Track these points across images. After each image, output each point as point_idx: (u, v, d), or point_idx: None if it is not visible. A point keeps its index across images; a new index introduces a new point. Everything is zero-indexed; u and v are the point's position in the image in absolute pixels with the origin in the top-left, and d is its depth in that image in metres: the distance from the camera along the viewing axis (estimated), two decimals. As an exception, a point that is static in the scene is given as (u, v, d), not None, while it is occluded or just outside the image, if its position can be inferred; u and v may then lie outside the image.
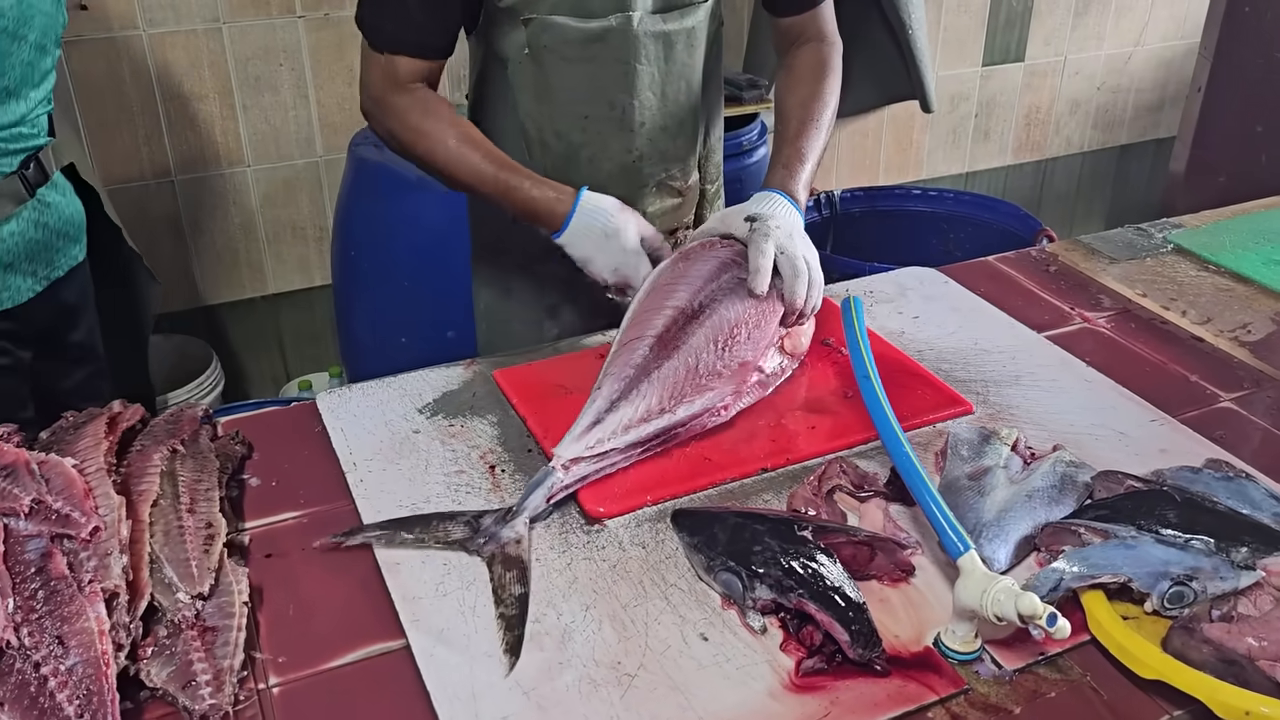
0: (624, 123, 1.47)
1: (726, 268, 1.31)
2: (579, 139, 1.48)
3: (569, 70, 1.42)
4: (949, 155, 3.87)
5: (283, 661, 0.96)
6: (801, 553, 0.99)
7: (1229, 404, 1.35)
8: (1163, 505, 1.04)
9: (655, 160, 1.53)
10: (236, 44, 2.68)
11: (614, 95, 1.45)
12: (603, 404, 1.18)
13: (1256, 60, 3.02)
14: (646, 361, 1.22)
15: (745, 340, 1.25)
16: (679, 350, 1.23)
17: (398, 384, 1.36)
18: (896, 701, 0.91)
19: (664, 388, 1.19)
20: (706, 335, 1.24)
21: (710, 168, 1.64)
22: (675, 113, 1.50)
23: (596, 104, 1.46)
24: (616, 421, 1.16)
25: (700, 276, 1.30)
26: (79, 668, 0.87)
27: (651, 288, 1.32)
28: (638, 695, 0.91)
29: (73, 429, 1.14)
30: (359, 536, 1.09)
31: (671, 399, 1.19)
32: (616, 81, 1.44)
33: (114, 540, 0.96)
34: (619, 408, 1.17)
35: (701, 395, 1.20)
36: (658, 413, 1.18)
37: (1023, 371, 1.39)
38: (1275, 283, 1.63)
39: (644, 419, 1.17)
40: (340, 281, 2.75)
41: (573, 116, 1.46)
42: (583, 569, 1.05)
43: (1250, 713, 0.86)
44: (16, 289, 1.61)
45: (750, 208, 1.34)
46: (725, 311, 1.26)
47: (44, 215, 1.63)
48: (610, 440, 1.15)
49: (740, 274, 1.29)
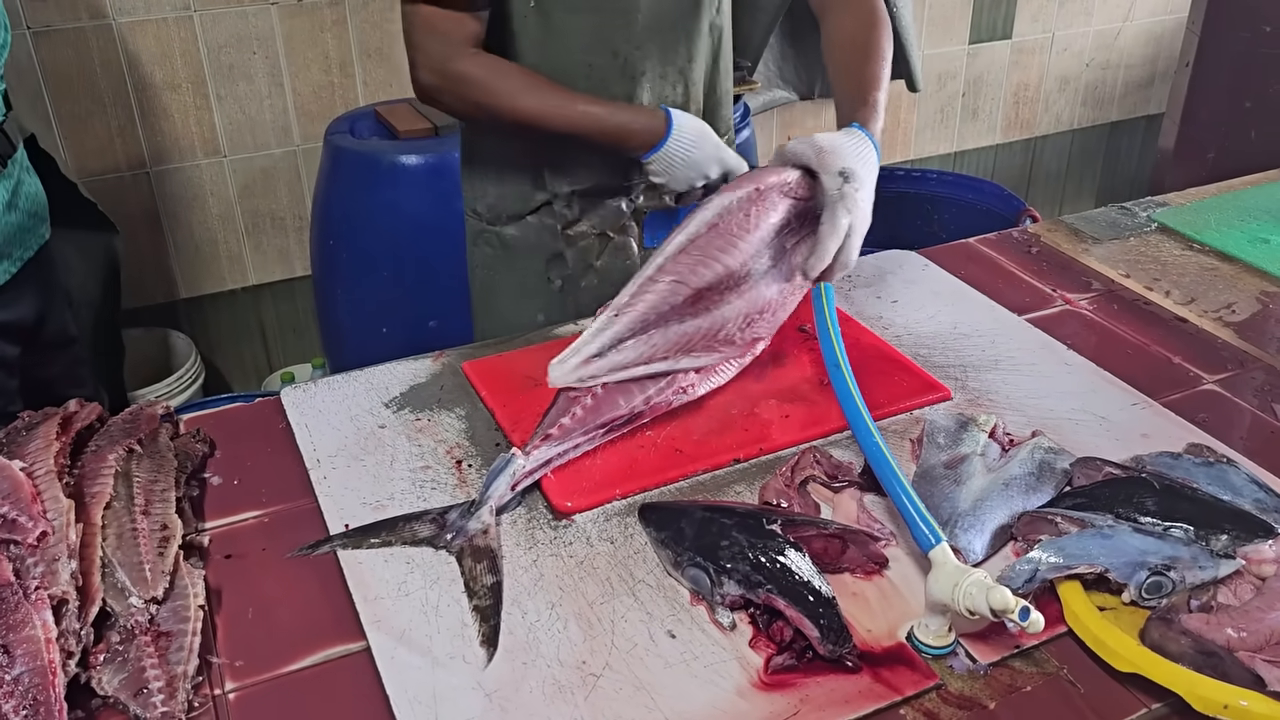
0: (625, 70, 1.48)
1: (789, 229, 1.27)
2: (583, 87, 1.47)
3: (574, 20, 1.44)
4: (937, 135, 3.84)
5: (240, 666, 0.94)
6: (770, 547, 0.96)
7: (1212, 386, 1.33)
8: (1141, 493, 1.01)
9: (654, 105, 1.52)
10: (209, 32, 2.64)
11: (617, 45, 1.46)
12: (609, 338, 1.16)
13: (1244, 35, 2.99)
14: (675, 310, 1.20)
15: (770, 318, 1.26)
16: (708, 313, 1.22)
17: (364, 377, 1.33)
18: (868, 698, 0.89)
19: (678, 340, 1.20)
20: (739, 309, 1.23)
21: (718, 121, 1.61)
22: (674, 60, 1.51)
23: (600, 53, 1.47)
24: (619, 360, 1.16)
25: (759, 239, 1.25)
26: (25, 676, 0.84)
27: (713, 221, 1.23)
28: (603, 696, 0.89)
29: (25, 430, 1.11)
30: (324, 548, 1.06)
31: (678, 352, 1.20)
32: (618, 31, 1.45)
33: (62, 545, 0.94)
34: (625, 347, 1.17)
35: (705, 355, 1.22)
36: (659, 359, 1.19)
37: (1002, 356, 1.36)
38: (1260, 261, 1.60)
39: (642, 362, 1.17)
40: (320, 272, 2.72)
41: (577, 65, 1.47)
42: (549, 566, 1.03)
43: (1229, 706, 0.84)
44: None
45: (846, 155, 1.25)
46: (764, 289, 1.25)
47: (15, 198, 1.62)
48: (602, 377, 1.15)
49: (798, 239, 1.27)
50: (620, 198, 1.58)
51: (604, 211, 1.58)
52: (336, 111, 2.77)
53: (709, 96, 1.59)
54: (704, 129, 1.42)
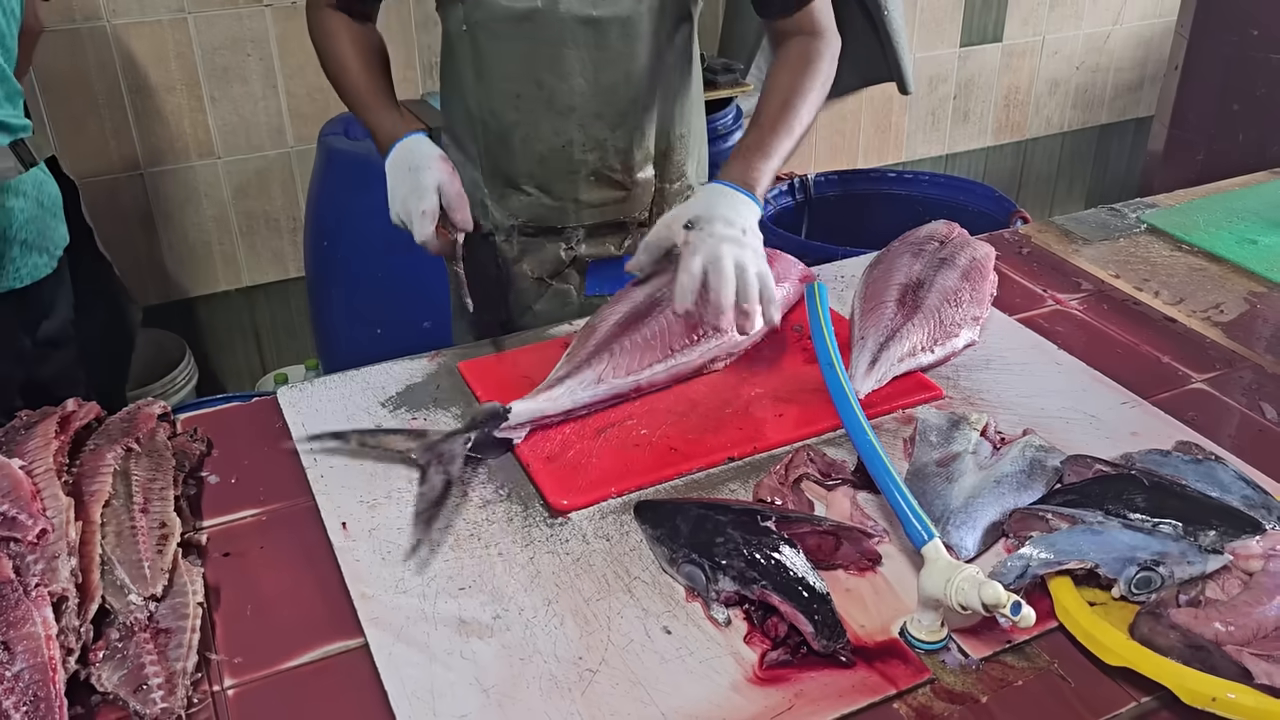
0: (552, 104, 1.45)
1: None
2: (512, 118, 1.47)
3: (500, 48, 1.43)
4: (929, 137, 3.86)
5: (239, 662, 0.95)
6: (765, 544, 0.97)
7: (1201, 385, 1.34)
8: (1130, 490, 1.03)
9: (589, 148, 1.48)
10: (203, 34, 2.64)
11: (541, 75, 1.43)
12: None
13: (1232, 39, 3.01)
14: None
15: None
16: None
17: (360, 377, 1.34)
18: (861, 692, 0.90)
19: (650, 340, 1.28)
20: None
21: (670, 167, 1.56)
22: (612, 102, 1.45)
23: (525, 83, 1.44)
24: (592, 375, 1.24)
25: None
26: (25, 673, 0.85)
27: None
28: (599, 691, 0.90)
29: (24, 429, 1.11)
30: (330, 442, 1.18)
31: (658, 353, 1.28)
32: (544, 63, 1.42)
33: (62, 542, 0.94)
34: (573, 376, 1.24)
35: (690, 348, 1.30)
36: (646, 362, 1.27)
37: (994, 355, 1.37)
38: (1248, 262, 1.62)
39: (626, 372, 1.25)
40: (314, 273, 2.73)
41: (505, 94, 1.46)
42: (545, 563, 1.04)
43: (1216, 699, 0.85)
44: (34, 266, 1.66)
45: (694, 208, 1.28)
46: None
47: (40, 193, 1.69)
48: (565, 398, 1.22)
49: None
50: (558, 241, 1.56)
51: (543, 256, 1.56)
52: (330, 113, 2.77)
53: (660, 140, 1.53)
54: (417, 162, 1.34)
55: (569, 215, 1.53)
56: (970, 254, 1.46)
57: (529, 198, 1.52)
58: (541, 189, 1.51)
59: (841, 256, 1.76)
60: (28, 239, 1.65)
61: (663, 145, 1.54)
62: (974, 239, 1.53)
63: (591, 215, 1.53)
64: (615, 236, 1.57)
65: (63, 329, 1.78)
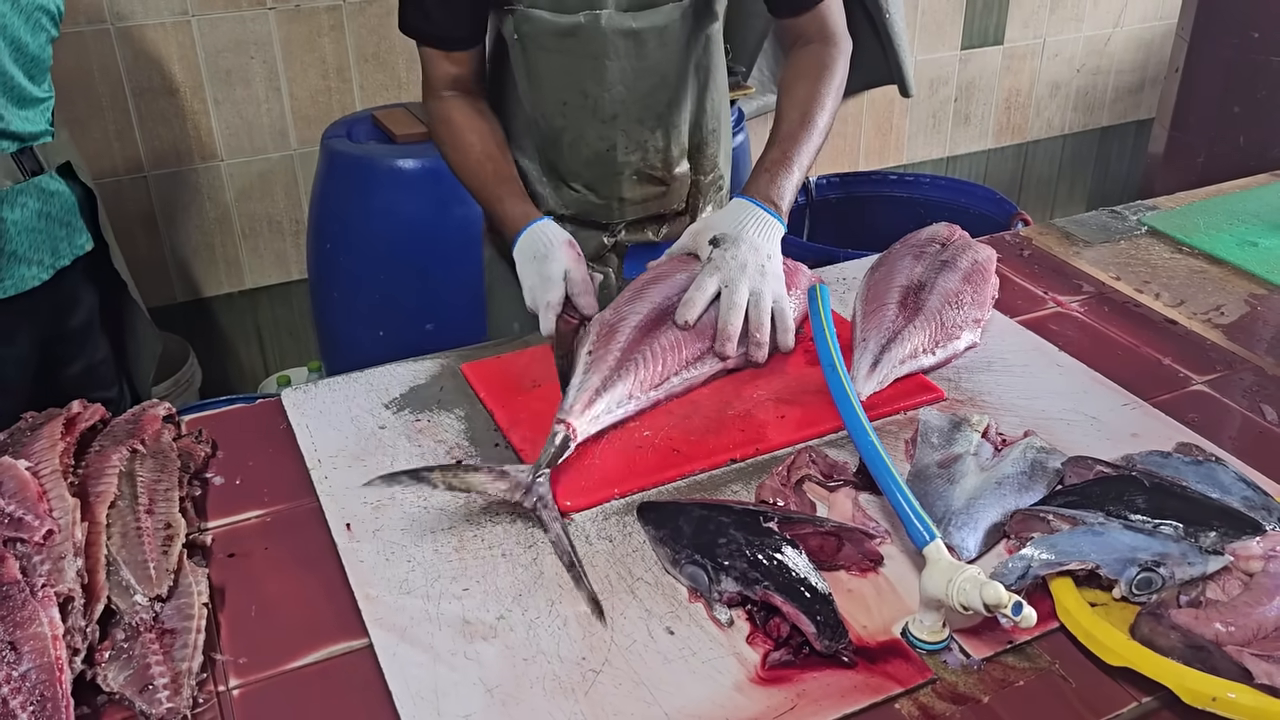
0: (597, 112, 1.51)
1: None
2: (560, 123, 1.53)
3: (548, 59, 1.48)
4: (929, 140, 3.86)
5: (243, 663, 0.95)
6: (767, 544, 0.98)
7: (1201, 387, 1.35)
8: (1131, 491, 1.03)
9: (631, 149, 1.55)
10: (206, 37, 2.65)
11: (586, 86, 1.49)
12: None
13: (1233, 41, 3.01)
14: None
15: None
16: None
17: (364, 379, 1.35)
18: (864, 692, 0.90)
19: (668, 350, 1.27)
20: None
21: (703, 159, 1.65)
22: (651, 106, 1.52)
23: (571, 92, 1.50)
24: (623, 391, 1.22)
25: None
26: (32, 673, 0.85)
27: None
28: (602, 691, 0.90)
29: (30, 430, 1.12)
30: (404, 481, 1.08)
31: (680, 366, 1.27)
32: (588, 74, 1.48)
33: (68, 543, 0.95)
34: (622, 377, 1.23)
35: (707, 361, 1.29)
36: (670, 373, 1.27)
37: (995, 357, 1.38)
38: (1249, 264, 1.62)
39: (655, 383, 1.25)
40: (316, 275, 2.73)
41: (554, 102, 1.52)
42: (549, 564, 1.04)
43: (1216, 699, 0.85)
44: (20, 278, 1.64)
45: (721, 223, 1.33)
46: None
47: (47, 205, 1.67)
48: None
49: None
50: (601, 232, 1.62)
51: (586, 242, 1.58)
52: (333, 116, 2.78)
53: (694, 135, 1.61)
54: (543, 250, 1.37)
55: (614, 212, 1.61)
56: (971, 256, 1.47)
57: (577, 194, 1.59)
58: (589, 188, 1.58)
59: (843, 259, 1.77)
60: (17, 250, 1.62)
61: (696, 140, 1.62)
62: (975, 241, 1.53)
63: (634, 211, 1.61)
64: (654, 225, 1.65)
65: (70, 337, 1.77)
